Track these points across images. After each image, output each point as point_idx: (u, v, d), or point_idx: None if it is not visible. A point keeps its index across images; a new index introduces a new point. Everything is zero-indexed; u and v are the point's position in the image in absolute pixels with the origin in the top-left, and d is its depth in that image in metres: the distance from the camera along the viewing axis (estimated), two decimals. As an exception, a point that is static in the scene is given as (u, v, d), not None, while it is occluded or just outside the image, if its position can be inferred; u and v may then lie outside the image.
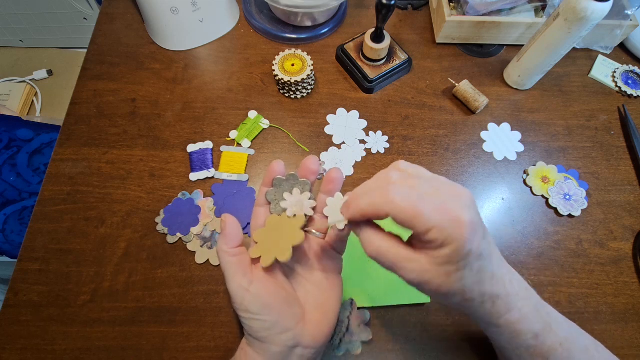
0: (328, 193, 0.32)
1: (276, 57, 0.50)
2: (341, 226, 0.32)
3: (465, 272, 0.26)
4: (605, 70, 0.56)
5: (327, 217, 0.32)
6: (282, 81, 0.49)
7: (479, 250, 0.25)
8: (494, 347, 0.35)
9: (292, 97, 0.52)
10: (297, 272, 0.32)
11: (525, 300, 0.29)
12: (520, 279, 0.30)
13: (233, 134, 0.49)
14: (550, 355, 0.30)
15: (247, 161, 0.48)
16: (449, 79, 0.54)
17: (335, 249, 0.33)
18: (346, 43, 0.54)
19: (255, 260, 0.32)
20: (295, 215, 0.32)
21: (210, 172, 0.47)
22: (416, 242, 0.26)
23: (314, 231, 0.33)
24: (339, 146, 0.49)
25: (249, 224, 0.44)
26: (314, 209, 0.32)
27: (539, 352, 0.30)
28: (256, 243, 0.32)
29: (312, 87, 0.53)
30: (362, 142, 0.50)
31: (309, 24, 0.57)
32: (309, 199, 0.32)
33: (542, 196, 0.47)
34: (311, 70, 0.49)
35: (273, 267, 0.31)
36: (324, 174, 0.47)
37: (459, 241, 0.24)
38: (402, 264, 0.26)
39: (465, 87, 0.51)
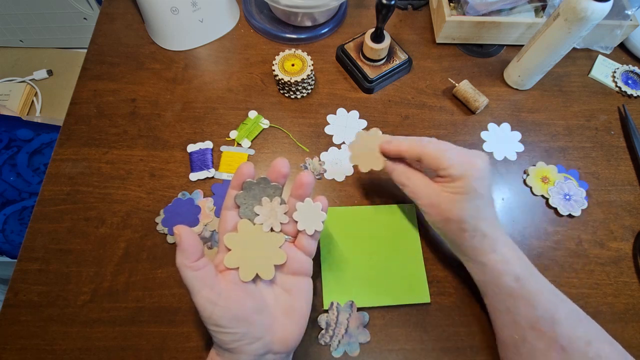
0: (298, 197, 0.32)
1: (276, 57, 0.50)
2: (311, 231, 0.32)
3: (467, 204, 0.33)
4: (605, 70, 0.56)
5: (296, 222, 0.32)
6: (282, 81, 0.49)
7: (481, 191, 0.33)
8: (480, 290, 0.38)
9: (292, 97, 0.52)
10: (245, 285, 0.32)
11: (511, 250, 0.35)
12: (515, 250, 0.35)
13: (233, 134, 0.49)
14: (534, 300, 0.32)
15: (247, 161, 0.48)
16: (449, 79, 0.54)
17: (304, 252, 0.33)
18: (346, 43, 0.54)
19: (222, 267, 0.31)
20: (271, 229, 0.32)
21: (210, 172, 0.47)
22: (435, 178, 0.35)
23: (284, 235, 0.33)
24: (339, 146, 0.49)
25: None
26: (286, 213, 0.32)
27: (520, 294, 0.33)
28: (229, 250, 0.31)
29: (312, 87, 0.53)
30: (362, 142, 0.50)
31: (309, 24, 0.57)
32: (280, 203, 0.32)
33: (542, 196, 0.47)
34: (311, 70, 0.49)
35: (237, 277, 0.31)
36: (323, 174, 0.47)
37: (470, 177, 0.33)
38: (421, 189, 0.36)
39: (465, 87, 0.51)
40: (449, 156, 0.33)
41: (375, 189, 0.47)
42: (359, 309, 0.40)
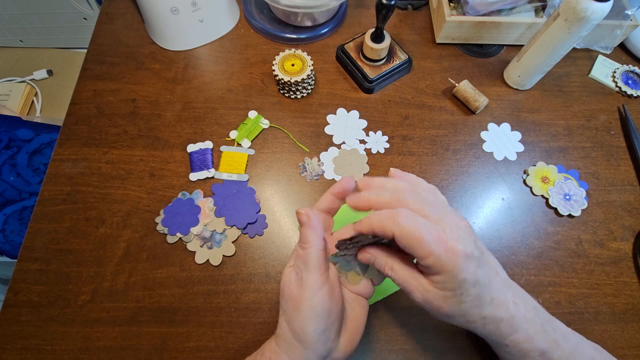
0: (337, 196, 0.33)
1: (276, 57, 0.50)
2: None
3: (463, 298, 0.27)
4: (605, 70, 0.56)
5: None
6: (282, 81, 0.49)
7: (474, 278, 0.27)
8: None
9: (292, 97, 0.52)
10: (338, 285, 0.32)
11: (530, 323, 0.30)
12: (527, 299, 0.31)
13: (233, 134, 0.49)
14: None
15: (247, 161, 0.48)
16: (449, 79, 0.54)
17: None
18: (346, 43, 0.54)
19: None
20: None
21: (210, 172, 0.47)
22: (419, 266, 0.28)
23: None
24: (339, 146, 0.49)
25: (249, 224, 0.44)
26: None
27: None
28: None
29: (312, 87, 0.53)
30: (362, 142, 0.50)
31: (309, 24, 0.57)
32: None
33: (542, 196, 0.47)
34: (311, 70, 0.49)
35: (337, 277, 0.32)
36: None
37: (452, 270, 0.26)
38: (409, 283, 0.29)
39: (465, 87, 0.51)
40: (427, 241, 0.25)
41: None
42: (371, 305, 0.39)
